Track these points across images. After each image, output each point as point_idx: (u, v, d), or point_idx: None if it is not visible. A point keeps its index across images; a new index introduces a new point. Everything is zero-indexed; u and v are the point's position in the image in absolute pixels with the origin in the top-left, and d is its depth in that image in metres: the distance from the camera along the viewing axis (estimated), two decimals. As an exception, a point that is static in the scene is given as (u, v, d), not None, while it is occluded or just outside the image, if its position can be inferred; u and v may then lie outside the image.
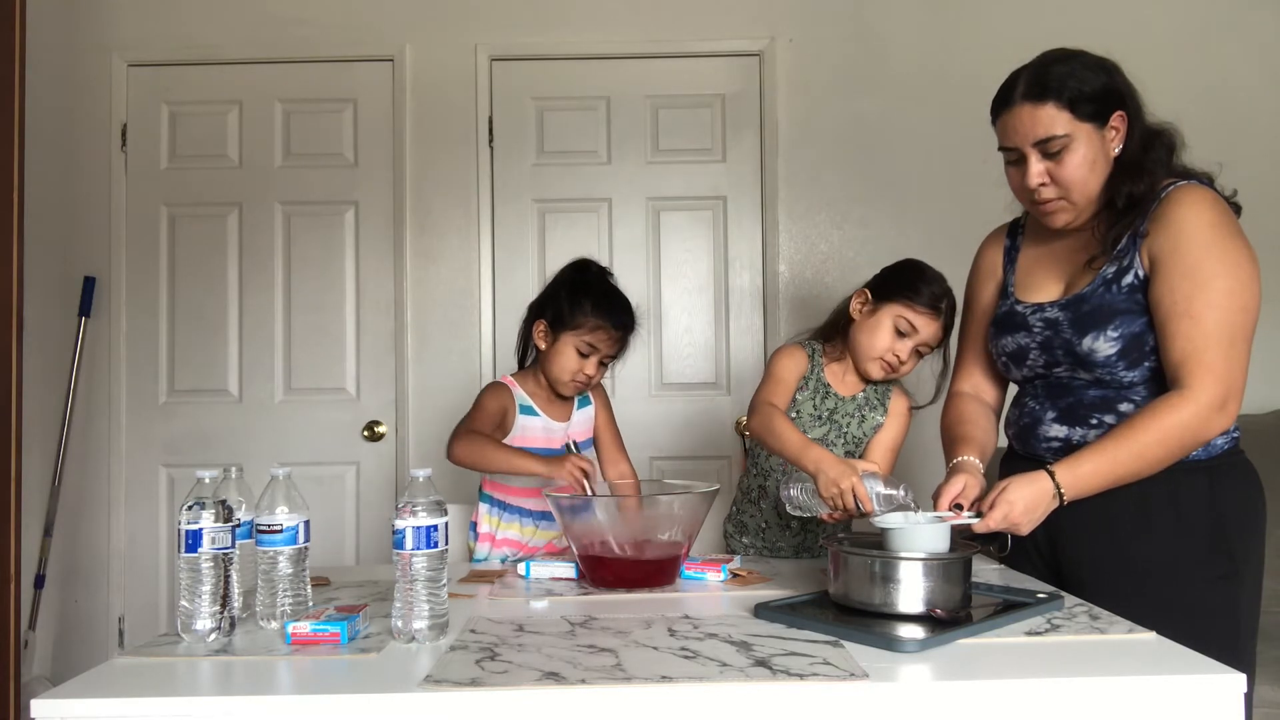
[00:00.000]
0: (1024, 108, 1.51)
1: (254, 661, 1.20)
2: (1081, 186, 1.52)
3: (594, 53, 3.25)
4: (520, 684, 1.07)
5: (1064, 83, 1.49)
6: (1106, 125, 1.51)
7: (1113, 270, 1.54)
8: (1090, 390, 1.56)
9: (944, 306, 1.89)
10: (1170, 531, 1.50)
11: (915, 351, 1.89)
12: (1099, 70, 1.52)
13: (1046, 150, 1.51)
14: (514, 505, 2.03)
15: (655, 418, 3.19)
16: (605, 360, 1.99)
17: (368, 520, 3.22)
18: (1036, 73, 1.52)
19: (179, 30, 3.24)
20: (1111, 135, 1.52)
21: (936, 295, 1.88)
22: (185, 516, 1.28)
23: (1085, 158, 1.50)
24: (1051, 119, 1.49)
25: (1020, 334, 1.63)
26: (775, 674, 1.09)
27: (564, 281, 2.03)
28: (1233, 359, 1.45)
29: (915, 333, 1.87)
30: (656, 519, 1.62)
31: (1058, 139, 1.49)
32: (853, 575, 1.35)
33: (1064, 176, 1.51)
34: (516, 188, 3.26)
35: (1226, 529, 1.50)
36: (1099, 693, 1.06)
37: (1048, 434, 1.60)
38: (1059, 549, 1.60)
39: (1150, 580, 1.48)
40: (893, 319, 1.87)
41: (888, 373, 1.91)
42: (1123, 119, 1.52)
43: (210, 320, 3.24)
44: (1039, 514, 1.46)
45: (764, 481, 2.04)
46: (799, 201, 3.21)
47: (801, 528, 2.01)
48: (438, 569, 1.26)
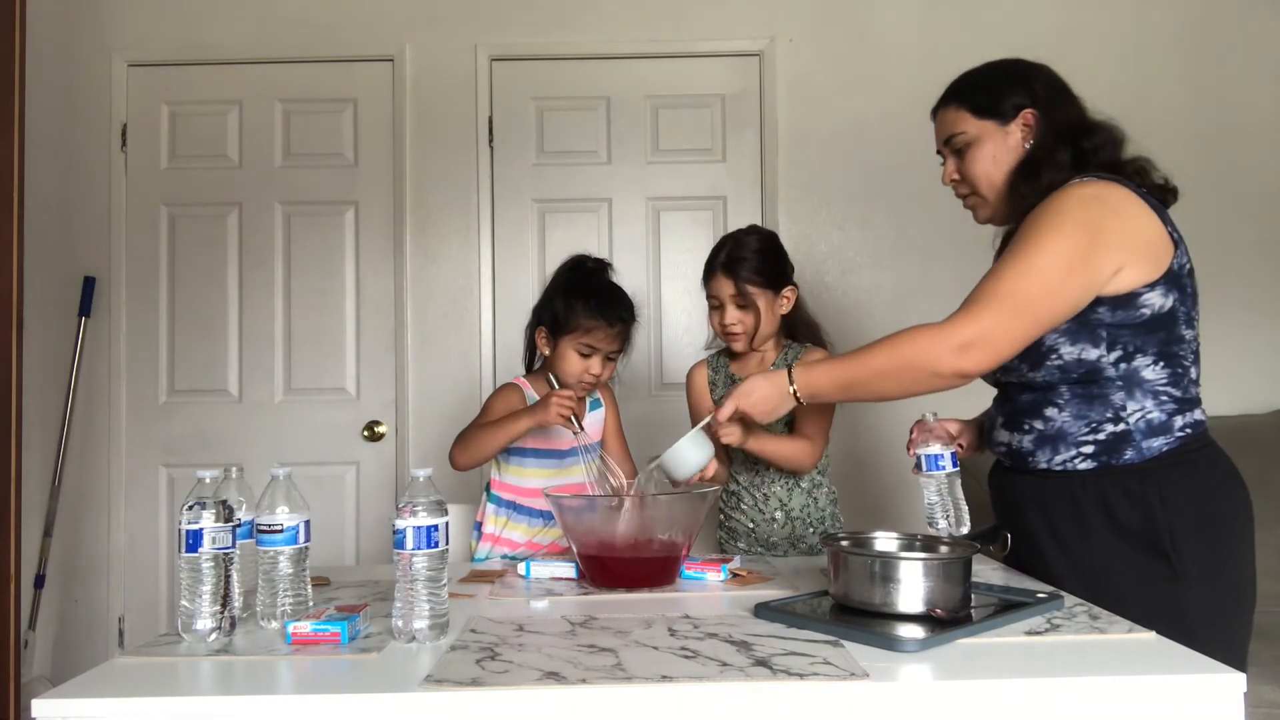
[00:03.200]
0: (938, 111, 1.68)
1: (254, 661, 1.20)
2: (986, 180, 1.61)
3: (594, 53, 3.25)
4: (521, 684, 1.07)
5: (969, 85, 1.64)
6: (1014, 123, 1.59)
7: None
8: (1023, 395, 1.58)
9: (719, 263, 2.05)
10: (1104, 533, 1.49)
11: (734, 306, 2.04)
12: (1013, 74, 1.61)
13: (954, 146, 1.64)
14: (524, 506, 2.04)
15: (655, 418, 3.19)
16: (610, 356, 2.01)
17: (368, 520, 3.22)
18: (955, 82, 1.67)
19: (179, 30, 3.24)
20: (1022, 133, 1.59)
21: (715, 257, 2.06)
22: (186, 516, 1.28)
23: (986, 154, 1.60)
24: (954, 119, 1.63)
25: None
26: (775, 674, 1.09)
27: (558, 285, 2.04)
28: (1003, 319, 1.44)
29: (718, 298, 2.06)
30: (656, 519, 1.62)
31: (958, 136, 1.63)
32: (852, 575, 1.35)
33: (968, 171, 1.63)
34: (516, 188, 3.26)
35: (1170, 530, 1.45)
36: (1099, 693, 1.06)
37: (998, 439, 1.63)
38: (1021, 552, 1.60)
39: (1092, 583, 1.48)
40: (708, 300, 2.09)
41: (734, 338, 2.06)
42: (1034, 116, 1.58)
43: (210, 320, 3.24)
44: (773, 406, 1.61)
45: (736, 485, 2.10)
46: (799, 201, 3.21)
47: (787, 519, 2.05)
48: (438, 569, 1.26)
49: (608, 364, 2.01)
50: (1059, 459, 1.52)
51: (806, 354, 2.10)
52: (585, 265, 2.07)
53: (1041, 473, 1.55)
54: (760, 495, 2.05)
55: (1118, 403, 1.49)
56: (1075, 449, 1.51)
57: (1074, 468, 1.51)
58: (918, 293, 3.17)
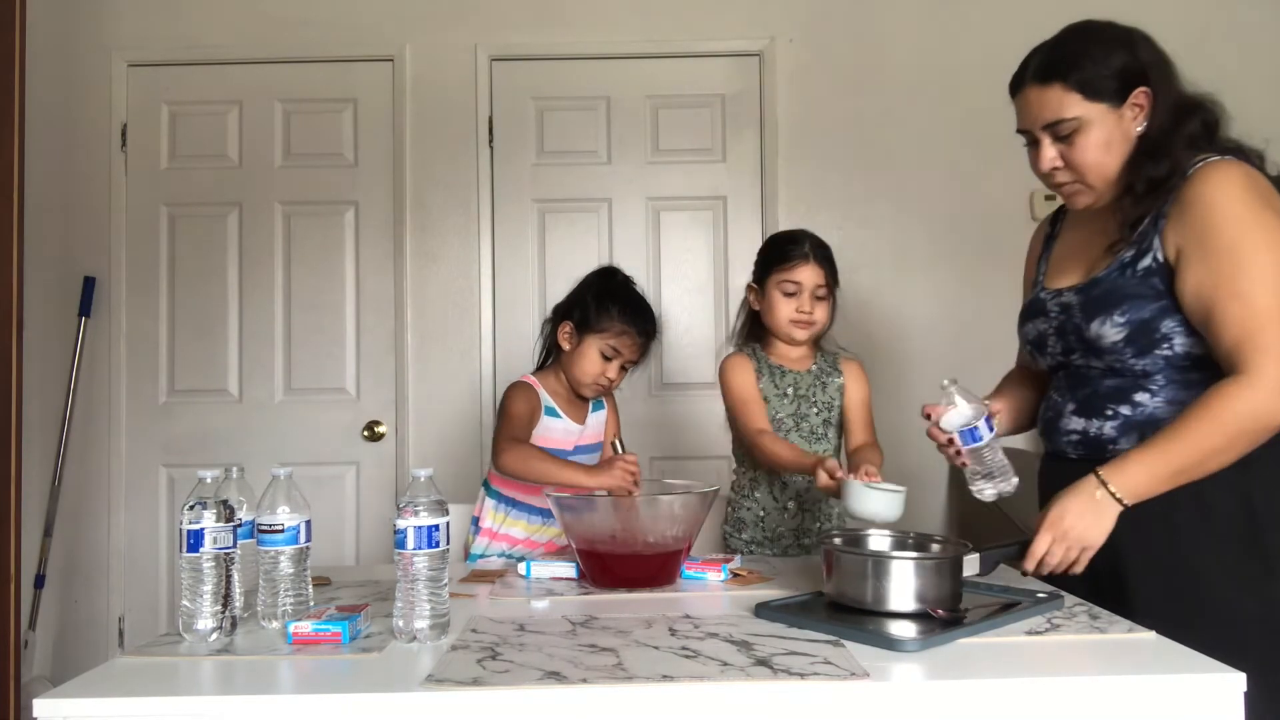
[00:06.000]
0: (1032, 90, 1.47)
1: (255, 661, 1.20)
2: (1097, 169, 1.46)
3: (594, 53, 3.25)
4: (521, 683, 1.07)
5: (1074, 61, 1.43)
6: (1125, 104, 1.44)
7: (1130, 254, 1.46)
8: (1106, 380, 1.49)
9: (809, 251, 2.01)
10: (1194, 527, 1.39)
11: (813, 296, 2.00)
12: (1118, 45, 1.44)
13: (1057, 133, 1.46)
14: (522, 502, 2.04)
15: (655, 418, 3.19)
16: (627, 365, 2.02)
17: (368, 520, 3.22)
18: (1048, 53, 1.47)
19: (179, 30, 3.24)
20: (1133, 114, 1.44)
21: (802, 246, 2.01)
22: (187, 516, 1.28)
23: (1099, 140, 1.44)
24: (1059, 101, 1.44)
25: (1039, 320, 1.59)
26: (776, 673, 1.09)
27: (591, 285, 2.06)
28: None
29: (799, 285, 2.00)
30: (657, 519, 1.63)
31: (1067, 122, 1.44)
32: (844, 574, 1.36)
33: (1076, 160, 1.46)
34: (516, 188, 3.26)
35: (1260, 526, 1.38)
36: (1099, 692, 1.07)
37: (1067, 427, 1.53)
38: (1095, 556, 1.46)
39: (1174, 582, 1.39)
40: (778, 285, 2.01)
41: (805, 327, 2.02)
42: (1146, 95, 1.44)
43: (210, 320, 3.24)
44: (1094, 520, 1.38)
45: (754, 472, 2.09)
46: (799, 201, 3.21)
47: (799, 509, 2.06)
48: (439, 569, 1.26)
49: (622, 372, 2.03)
50: None
51: (844, 363, 2.11)
52: (618, 275, 2.10)
53: None
54: (779, 483, 2.06)
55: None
56: None
57: None
58: (918, 293, 3.18)
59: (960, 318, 3.16)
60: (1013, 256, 1.86)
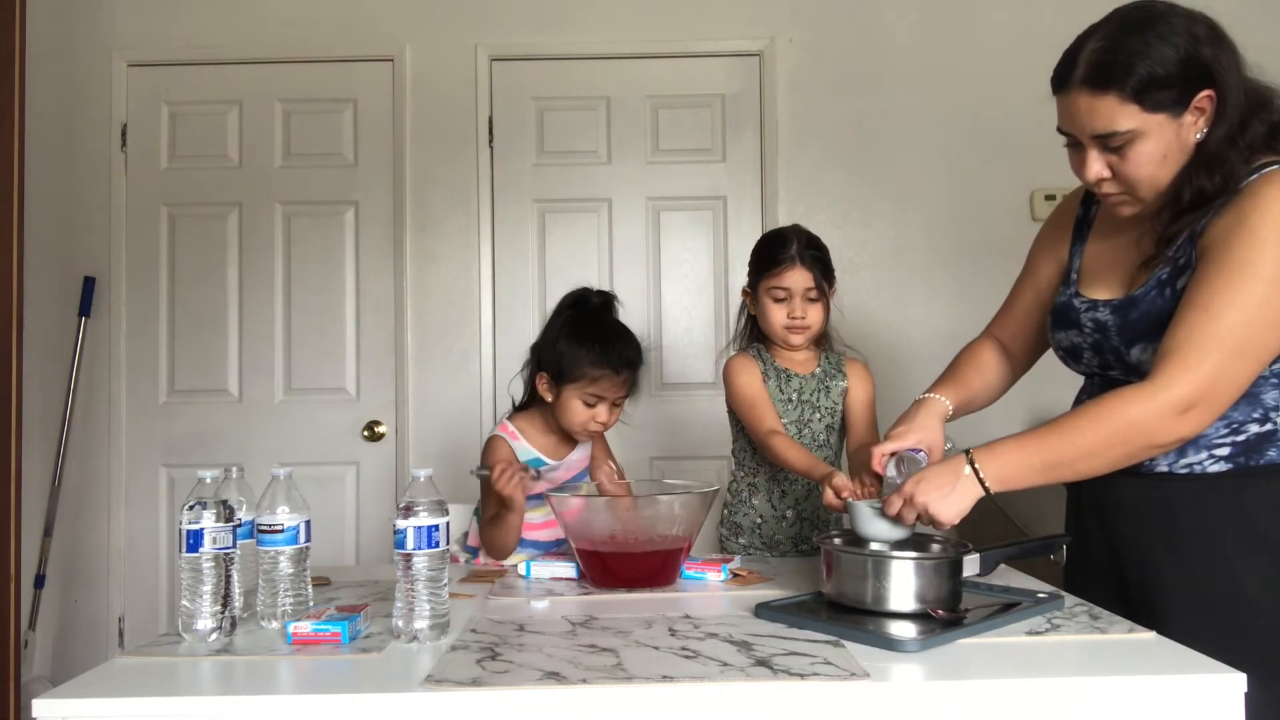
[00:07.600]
0: (1081, 96, 1.28)
1: (255, 661, 1.20)
2: (1150, 183, 1.30)
3: (594, 53, 3.25)
4: (521, 684, 1.07)
5: (1131, 66, 1.24)
6: (1187, 109, 1.26)
7: (1168, 271, 1.34)
8: None
9: (795, 254, 1.95)
10: (1237, 543, 1.32)
11: (804, 300, 1.96)
12: (1181, 40, 1.25)
13: (1108, 145, 1.29)
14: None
15: (655, 418, 3.19)
16: (617, 403, 1.89)
17: (368, 520, 3.22)
18: (1101, 52, 1.27)
19: (179, 30, 3.24)
20: (1194, 118, 1.27)
21: (789, 248, 1.95)
22: (186, 516, 1.28)
23: (1155, 153, 1.27)
24: (1113, 112, 1.26)
25: (1073, 331, 1.48)
26: (776, 674, 1.09)
27: (560, 327, 1.89)
28: (1226, 370, 1.23)
29: (788, 291, 1.96)
30: (656, 519, 1.62)
31: (1120, 134, 1.27)
32: (844, 574, 1.36)
33: (1128, 174, 1.30)
34: (516, 188, 3.26)
35: None
36: (1099, 693, 1.06)
37: None
38: (1125, 568, 1.42)
39: (1210, 597, 1.32)
40: (768, 292, 1.98)
41: (799, 332, 1.98)
42: (1210, 99, 1.27)
43: (210, 320, 3.24)
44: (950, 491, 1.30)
45: (754, 479, 2.06)
46: (799, 201, 3.21)
47: (798, 518, 2.03)
48: (439, 569, 1.26)
49: (614, 410, 1.89)
50: (1184, 461, 1.34)
51: (848, 364, 2.06)
52: (588, 302, 1.93)
53: (1159, 476, 1.36)
54: (778, 491, 2.03)
55: (1270, 402, 1.32)
56: (1207, 451, 1.33)
57: (1202, 470, 1.33)
58: (918, 293, 3.17)
59: (960, 317, 3.15)
60: (1013, 256, 1.85)
